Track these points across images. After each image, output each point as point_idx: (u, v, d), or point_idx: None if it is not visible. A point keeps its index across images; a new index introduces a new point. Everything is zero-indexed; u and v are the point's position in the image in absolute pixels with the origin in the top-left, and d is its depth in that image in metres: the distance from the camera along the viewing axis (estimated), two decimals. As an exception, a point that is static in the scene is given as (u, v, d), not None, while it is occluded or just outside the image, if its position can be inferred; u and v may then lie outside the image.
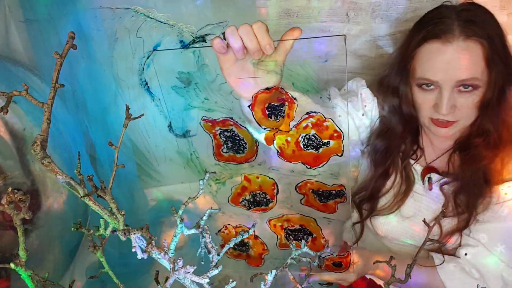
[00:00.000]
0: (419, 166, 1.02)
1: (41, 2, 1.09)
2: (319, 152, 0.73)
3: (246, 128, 0.76)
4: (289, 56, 0.69)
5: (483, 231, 0.93)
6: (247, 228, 0.85)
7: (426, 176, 0.99)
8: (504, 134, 0.89)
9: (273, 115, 0.72)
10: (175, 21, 1.12)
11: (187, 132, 1.29)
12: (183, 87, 1.21)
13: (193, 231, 0.64)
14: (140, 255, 0.60)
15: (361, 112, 1.00)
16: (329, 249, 0.85)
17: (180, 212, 0.62)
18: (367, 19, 1.10)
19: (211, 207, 0.68)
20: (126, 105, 0.57)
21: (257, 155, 0.79)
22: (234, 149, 0.79)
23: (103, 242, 0.63)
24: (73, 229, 0.60)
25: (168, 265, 0.60)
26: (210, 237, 0.66)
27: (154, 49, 0.97)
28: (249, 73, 0.69)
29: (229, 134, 0.77)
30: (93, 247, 0.63)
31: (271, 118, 0.72)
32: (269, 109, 0.71)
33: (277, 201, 0.84)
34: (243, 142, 0.78)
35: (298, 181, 0.83)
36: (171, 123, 1.28)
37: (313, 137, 0.72)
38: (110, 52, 1.17)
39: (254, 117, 0.71)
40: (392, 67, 0.95)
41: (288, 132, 0.72)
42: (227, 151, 0.80)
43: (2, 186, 1.11)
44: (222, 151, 0.80)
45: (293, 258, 0.78)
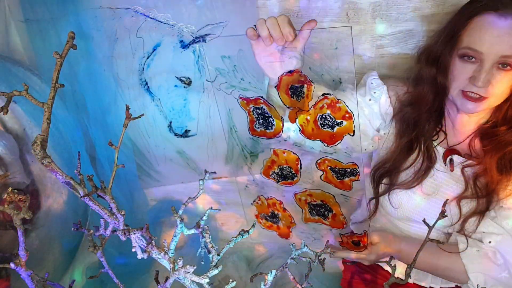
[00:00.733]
0: (441, 147, 1.03)
1: (41, 2, 1.09)
2: (334, 131, 0.82)
3: (273, 106, 0.84)
4: (307, 44, 0.82)
5: (508, 217, 0.94)
6: (277, 200, 0.98)
7: (448, 157, 1.01)
8: None
9: (294, 95, 0.82)
10: (175, 21, 1.12)
11: (187, 132, 1.30)
12: (184, 87, 1.22)
13: (193, 231, 0.64)
14: (140, 255, 0.60)
15: (367, 97, 1.03)
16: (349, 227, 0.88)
17: (180, 212, 0.62)
18: (367, 19, 1.10)
19: (211, 207, 0.68)
20: (126, 105, 0.58)
21: (282, 131, 0.88)
22: (264, 125, 0.88)
23: (103, 242, 0.63)
24: (73, 229, 0.60)
25: (168, 265, 0.60)
26: (210, 237, 0.66)
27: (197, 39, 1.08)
28: (275, 58, 0.83)
29: (260, 111, 0.86)
30: (93, 247, 0.63)
31: (293, 97, 0.82)
32: (292, 90, 0.82)
33: (300, 175, 0.92)
34: (271, 119, 0.87)
35: (317, 158, 0.91)
36: (171, 123, 1.28)
37: (328, 117, 0.81)
38: (110, 52, 1.17)
39: (279, 96, 0.83)
40: (439, 36, 0.96)
41: (307, 111, 0.82)
42: (259, 126, 0.89)
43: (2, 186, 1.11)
44: (255, 126, 0.89)
45: (293, 258, 0.78)
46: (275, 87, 0.83)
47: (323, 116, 0.81)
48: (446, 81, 0.94)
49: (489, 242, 0.96)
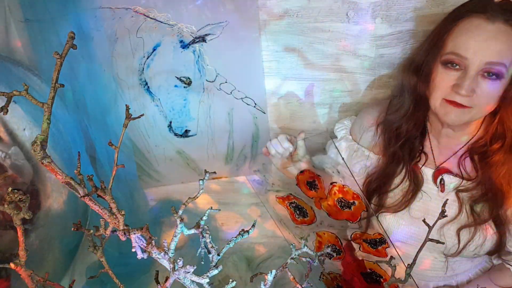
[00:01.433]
0: (428, 168, 1.01)
1: (41, 2, 1.09)
2: (352, 210, 0.97)
3: (301, 199, 1.04)
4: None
5: None
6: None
7: (438, 178, 0.99)
8: None
9: (312, 188, 1.02)
10: (175, 21, 1.12)
11: (187, 132, 1.30)
12: (184, 87, 1.22)
13: (193, 231, 0.64)
14: (140, 255, 0.60)
15: (348, 151, 1.13)
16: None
17: (180, 212, 0.62)
18: (367, 19, 1.10)
19: (211, 207, 0.68)
20: (126, 105, 0.58)
21: (315, 217, 1.05)
22: (301, 215, 1.06)
23: (103, 242, 0.63)
24: (73, 229, 0.60)
25: (168, 265, 0.60)
26: (210, 237, 0.66)
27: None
28: (288, 164, 1.10)
29: (294, 205, 1.06)
30: (93, 247, 0.63)
31: (312, 190, 1.02)
32: (308, 185, 1.03)
33: (344, 251, 1.04)
34: (304, 209, 1.05)
35: (349, 234, 1.06)
36: (171, 123, 1.28)
37: (342, 200, 0.97)
38: (110, 52, 1.17)
39: (303, 192, 1.03)
40: (423, 43, 0.95)
41: (326, 198, 0.99)
42: (298, 216, 1.07)
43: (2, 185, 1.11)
44: (295, 217, 1.07)
45: (293, 258, 0.78)
46: (296, 185, 1.04)
47: (339, 200, 0.98)
48: (426, 90, 0.91)
49: None
